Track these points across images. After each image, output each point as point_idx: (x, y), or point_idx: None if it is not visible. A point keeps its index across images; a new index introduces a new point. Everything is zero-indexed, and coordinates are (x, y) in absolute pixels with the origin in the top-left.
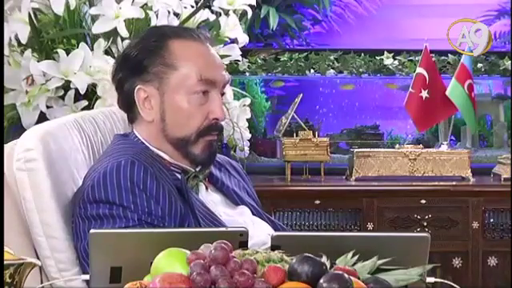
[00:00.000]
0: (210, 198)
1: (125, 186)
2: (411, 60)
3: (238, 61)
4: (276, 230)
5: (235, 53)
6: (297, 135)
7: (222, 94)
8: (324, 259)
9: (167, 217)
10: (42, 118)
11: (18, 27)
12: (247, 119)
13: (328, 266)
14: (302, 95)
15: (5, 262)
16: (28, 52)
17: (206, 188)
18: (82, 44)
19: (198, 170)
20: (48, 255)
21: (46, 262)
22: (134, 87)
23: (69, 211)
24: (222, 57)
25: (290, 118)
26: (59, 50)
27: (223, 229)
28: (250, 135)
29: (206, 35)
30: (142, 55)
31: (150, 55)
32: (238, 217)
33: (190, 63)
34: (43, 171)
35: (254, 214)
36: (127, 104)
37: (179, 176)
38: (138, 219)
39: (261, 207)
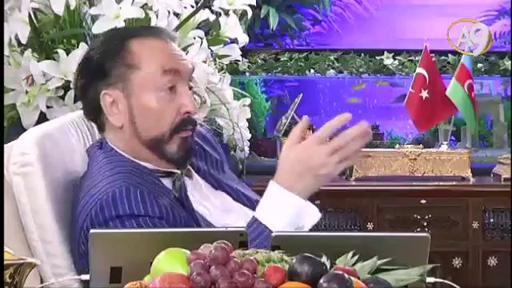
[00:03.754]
0: (200, 192)
1: (124, 214)
2: (411, 60)
3: (238, 61)
4: (254, 205)
5: (235, 53)
6: None
7: (190, 88)
8: (324, 259)
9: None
10: (42, 118)
11: (18, 27)
12: (247, 119)
13: (328, 266)
14: (302, 95)
15: (5, 262)
16: (28, 52)
17: (190, 177)
18: (82, 44)
19: (183, 170)
20: (43, 260)
21: (41, 266)
22: (99, 92)
23: (64, 215)
24: (222, 57)
25: (289, 117)
26: (59, 50)
27: (223, 229)
28: (250, 135)
29: (168, 32)
30: (103, 58)
31: (111, 57)
32: (224, 215)
33: (151, 60)
34: (39, 175)
35: (234, 198)
36: (93, 112)
37: (164, 181)
38: None
39: (236, 179)
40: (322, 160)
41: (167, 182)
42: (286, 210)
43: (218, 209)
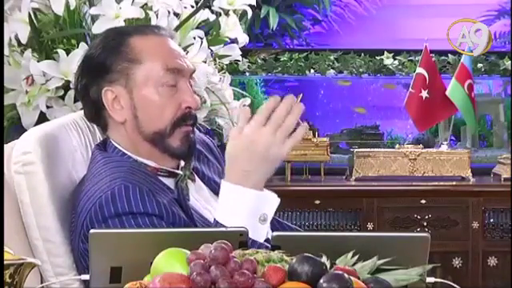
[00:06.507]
0: (202, 196)
1: (124, 213)
2: (411, 60)
3: (238, 61)
4: None
5: (235, 53)
6: None
7: (191, 86)
8: (324, 259)
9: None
10: (42, 118)
11: (18, 27)
12: None
13: (328, 266)
14: (302, 95)
15: (5, 262)
16: (28, 52)
17: (193, 180)
18: (82, 44)
19: (186, 172)
20: (45, 259)
21: (43, 266)
22: (101, 90)
23: (66, 214)
24: (222, 57)
25: None
26: (59, 50)
27: (223, 229)
28: None
29: (166, 30)
30: (104, 55)
31: (112, 53)
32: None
33: (153, 56)
34: (41, 174)
35: None
36: (95, 111)
37: (165, 181)
38: None
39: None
40: (267, 141)
41: (169, 182)
42: (241, 206)
43: None
